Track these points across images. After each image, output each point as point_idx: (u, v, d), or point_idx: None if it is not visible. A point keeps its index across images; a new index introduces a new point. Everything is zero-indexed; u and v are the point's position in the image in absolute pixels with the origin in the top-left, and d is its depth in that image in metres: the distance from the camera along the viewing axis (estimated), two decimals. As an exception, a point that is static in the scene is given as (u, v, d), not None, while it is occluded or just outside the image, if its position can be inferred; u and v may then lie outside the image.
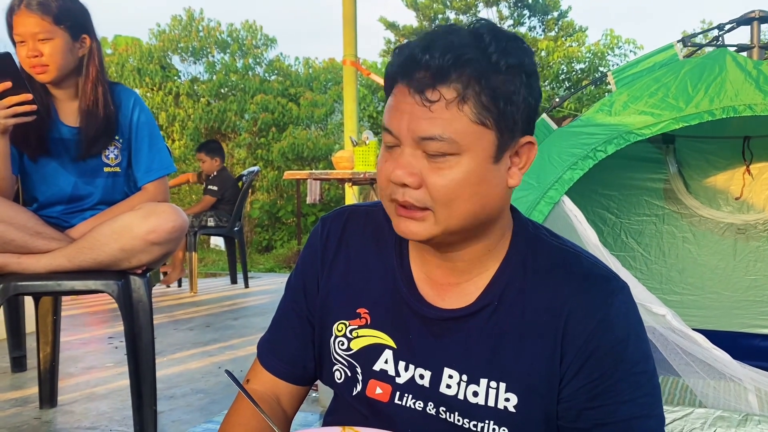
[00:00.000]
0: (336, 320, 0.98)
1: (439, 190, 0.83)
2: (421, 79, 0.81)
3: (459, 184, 0.82)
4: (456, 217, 0.84)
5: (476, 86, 0.80)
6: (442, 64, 0.80)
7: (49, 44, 1.88)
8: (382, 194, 0.89)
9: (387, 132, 0.85)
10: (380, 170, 0.87)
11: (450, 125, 0.81)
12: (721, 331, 2.78)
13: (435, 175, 0.82)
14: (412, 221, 0.85)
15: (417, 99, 0.81)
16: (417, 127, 0.82)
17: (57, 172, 2.00)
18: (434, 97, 0.81)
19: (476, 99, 0.81)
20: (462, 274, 0.93)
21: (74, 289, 1.93)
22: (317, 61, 12.83)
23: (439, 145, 0.81)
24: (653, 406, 0.90)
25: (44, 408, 2.36)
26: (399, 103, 0.84)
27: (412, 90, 0.82)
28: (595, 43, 14.82)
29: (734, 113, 1.90)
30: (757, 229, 2.81)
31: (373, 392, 0.95)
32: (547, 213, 1.91)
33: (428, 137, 0.81)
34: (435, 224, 0.85)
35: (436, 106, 0.81)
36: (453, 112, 0.81)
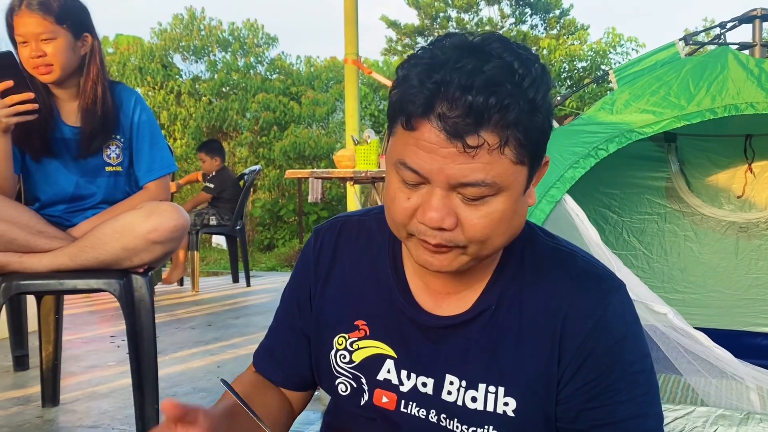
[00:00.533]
0: (335, 334, 0.98)
1: (477, 231, 0.80)
2: (458, 123, 0.74)
3: (496, 222, 0.80)
4: (488, 249, 0.83)
5: (518, 127, 0.76)
6: (488, 104, 0.73)
7: (52, 44, 1.88)
8: (396, 226, 0.85)
9: (410, 171, 0.78)
10: (396, 201, 0.82)
11: (492, 169, 0.76)
12: (723, 330, 2.78)
13: (472, 215, 0.79)
14: (440, 255, 0.82)
15: (456, 145, 0.75)
16: (456, 174, 0.76)
17: (59, 172, 2.00)
18: (476, 143, 0.74)
19: (516, 140, 0.76)
20: (462, 284, 0.92)
21: (76, 288, 1.93)
22: (319, 60, 12.84)
23: (481, 190, 0.77)
24: (652, 405, 0.89)
25: (46, 407, 2.36)
26: (429, 144, 0.76)
27: (448, 134, 0.75)
28: (597, 42, 14.81)
29: (736, 111, 1.90)
30: (759, 227, 2.81)
31: (380, 401, 0.95)
32: (548, 212, 1.91)
33: (470, 183, 0.76)
34: (464, 255, 0.82)
35: (480, 152, 0.75)
36: (495, 156, 0.76)
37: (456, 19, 16.31)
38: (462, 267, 0.84)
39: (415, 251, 0.84)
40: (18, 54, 1.92)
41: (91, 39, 1.98)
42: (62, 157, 2.00)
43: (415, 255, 0.85)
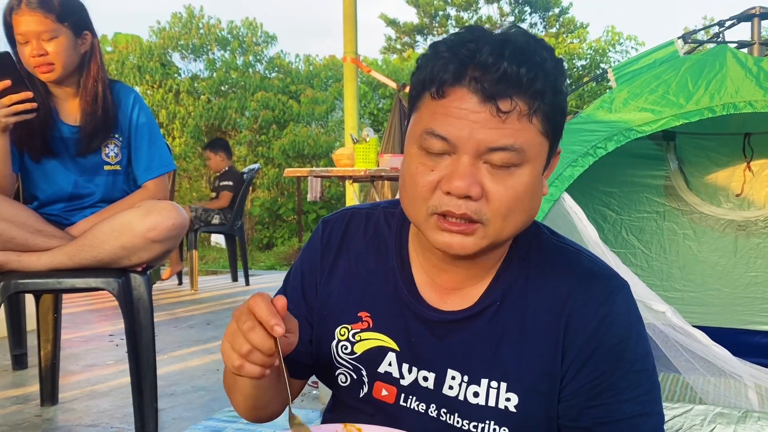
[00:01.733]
0: (338, 324, 0.98)
1: (502, 202, 0.80)
2: (494, 87, 0.77)
3: (521, 195, 0.81)
4: (508, 229, 0.83)
5: (544, 98, 0.79)
6: (519, 73, 0.76)
7: (54, 42, 1.87)
8: (417, 205, 0.84)
9: (438, 138, 0.80)
10: (418, 178, 0.82)
11: (521, 136, 0.78)
12: (722, 328, 2.78)
13: (499, 185, 0.80)
14: (460, 235, 0.82)
15: (488, 108, 0.77)
16: (486, 138, 0.78)
17: (57, 171, 2.00)
18: (509, 107, 0.77)
19: (543, 111, 0.79)
20: (467, 280, 0.92)
21: (75, 286, 1.93)
22: (318, 58, 12.82)
23: (509, 156, 0.79)
24: (654, 404, 0.90)
25: (45, 406, 2.36)
26: (460, 109, 0.78)
27: (482, 97, 0.77)
28: (596, 40, 14.81)
29: (734, 110, 1.90)
30: (758, 225, 2.81)
31: (380, 394, 0.95)
32: (547, 210, 1.90)
33: (500, 147, 0.78)
34: (484, 238, 0.82)
35: (510, 117, 0.78)
36: (524, 123, 0.78)
37: (455, 18, 16.30)
38: (480, 251, 0.84)
39: (434, 234, 0.83)
40: (16, 53, 1.91)
41: (90, 37, 1.98)
42: (61, 156, 1.99)
43: (434, 238, 0.83)
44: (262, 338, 0.77)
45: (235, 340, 0.78)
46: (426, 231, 0.85)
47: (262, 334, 0.77)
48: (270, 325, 0.76)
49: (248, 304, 0.79)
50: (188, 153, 11.08)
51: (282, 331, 0.76)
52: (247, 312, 0.79)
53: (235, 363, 0.78)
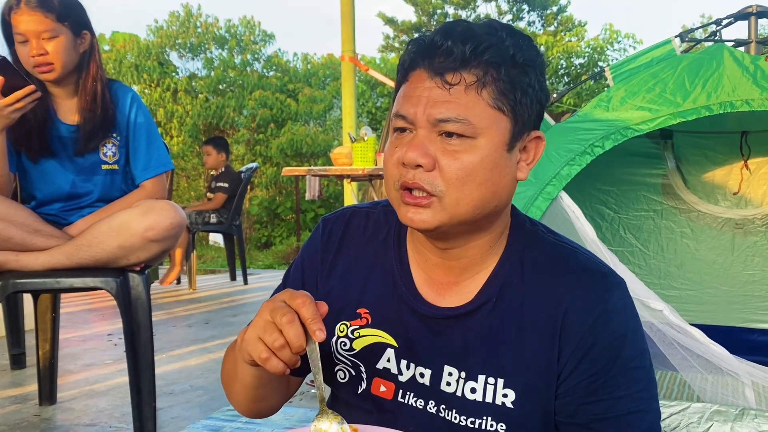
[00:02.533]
0: (337, 321, 0.98)
1: (453, 173, 0.83)
2: (441, 63, 0.83)
3: (473, 167, 0.83)
4: (465, 203, 0.84)
5: (495, 73, 0.83)
6: (464, 49, 0.82)
7: (54, 42, 1.87)
8: (388, 183, 0.88)
9: (400, 118, 0.86)
10: (388, 157, 0.88)
11: (468, 108, 0.82)
12: (720, 326, 2.78)
13: (449, 157, 0.83)
14: (419, 209, 0.85)
15: (437, 82, 0.83)
16: (435, 110, 0.83)
17: (55, 170, 2.00)
18: (455, 80, 0.82)
19: (494, 85, 0.83)
20: (462, 273, 0.93)
21: (73, 286, 1.93)
22: (316, 57, 12.82)
23: (456, 126, 0.82)
24: (650, 401, 0.90)
25: (44, 405, 2.36)
26: (416, 88, 0.85)
27: (431, 74, 0.84)
28: (594, 38, 14.81)
29: (731, 108, 1.91)
30: (755, 224, 2.81)
31: (378, 390, 0.95)
32: (544, 209, 1.91)
33: (445, 119, 0.82)
34: (442, 210, 0.84)
35: (456, 89, 0.82)
36: (471, 96, 0.83)
37: (453, 16, 16.29)
38: (442, 226, 0.85)
39: (400, 210, 0.88)
40: (14, 53, 1.91)
41: (89, 37, 1.98)
42: (59, 156, 1.99)
43: (399, 213, 0.88)
44: (298, 335, 0.76)
45: (267, 332, 0.78)
46: (397, 209, 0.89)
47: (299, 330, 0.77)
48: (312, 328, 0.77)
49: (289, 299, 0.79)
50: (186, 152, 11.07)
51: (323, 337, 0.77)
52: (287, 306, 0.78)
53: (262, 355, 0.78)
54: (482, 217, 0.88)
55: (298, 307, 0.78)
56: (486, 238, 0.91)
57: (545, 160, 1.98)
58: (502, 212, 0.91)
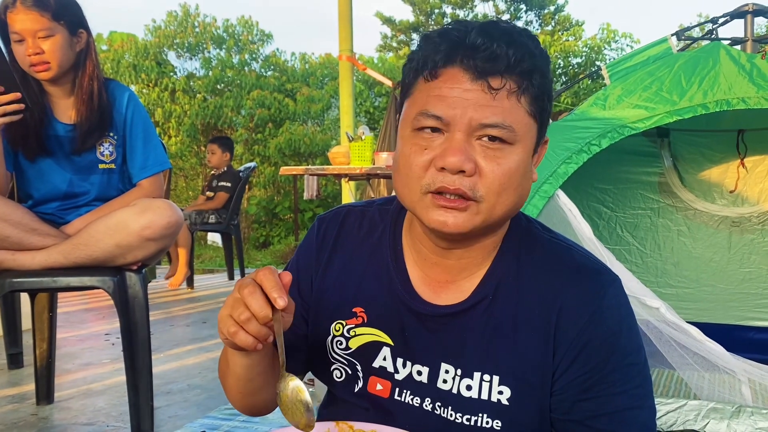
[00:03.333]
0: (333, 320, 0.98)
1: (496, 179, 0.82)
2: (485, 65, 0.80)
3: (512, 173, 0.83)
4: (500, 208, 0.84)
5: (531, 80, 0.82)
6: (509, 53, 0.80)
7: (50, 41, 1.87)
8: (412, 185, 0.85)
9: (432, 117, 0.82)
10: (413, 158, 0.83)
11: (511, 114, 0.82)
12: (716, 324, 2.79)
13: (492, 163, 0.82)
14: (454, 212, 0.83)
15: (481, 85, 0.80)
16: (479, 114, 0.80)
17: (52, 169, 2.00)
18: (499, 85, 0.81)
19: (530, 92, 0.83)
20: (461, 272, 0.93)
21: (70, 285, 1.93)
22: (314, 57, 12.82)
23: (501, 132, 0.81)
24: (645, 398, 0.91)
25: (41, 404, 2.36)
26: (452, 89, 0.81)
27: (474, 75, 0.81)
28: (591, 37, 14.81)
29: (728, 106, 1.91)
30: (752, 221, 2.82)
31: (374, 388, 0.96)
32: (541, 207, 1.91)
33: (492, 124, 0.81)
34: (477, 214, 0.83)
35: (500, 95, 0.81)
36: (513, 102, 0.82)
37: (451, 15, 16.29)
38: (473, 230, 0.85)
39: (428, 213, 0.84)
40: (10, 51, 1.90)
41: (86, 35, 1.98)
42: (56, 155, 1.99)
43: (428, 217, 0.84)
44: (261, 304, 0.77)
45: (234, 308, 0.79)
46: (420, 211, 0.85)
47: (261, 301, 0.77)
48: (273, 296, 0.77)
49: (253, 274, 0.80)
50: (184, 152, 11.06)
51: (284, 304, 0.77)
52: (250, 280, 0.80)
53: (231, 329, 0.79)
54: (505, 220, 0.89)
55: (261, 279, 0.78)
56: (492, 239, 0.92)
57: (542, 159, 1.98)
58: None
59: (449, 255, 0.92)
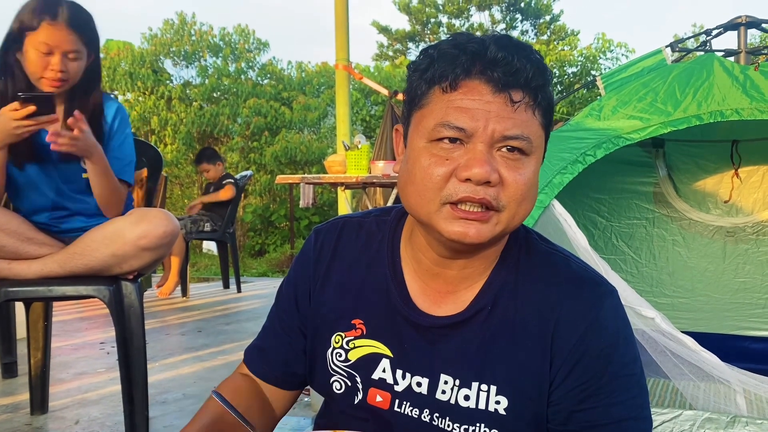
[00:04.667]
0: (332, 332, 0.99)
1: (519, 189, 0.84)
2: (507, 78, 0.82)
3: (531, 183, 0.85)
4: (519, 217, 0.86)
5: (543, 93, 0.84)
6: (528, 67, 0.83)
7: (76, 63, 1.88)
8: (428, 197, 0.84)
9: (454, 129, 0.82)
10: (433, 169, 0.83)
11: (529, 126, 0.84)
12: (711, 334, 2.80)
13: (514, 173, 0.84)
14: (476, 223, 0.83)
15: (503, 98, 0.82)
16: (501, 125, 0.82)
17: (40, 178, 1.97)
18: (520, 98, 0.83)
19: (542, 105, 0.85)
20: (461, 282, 0.94)
21: (65, 294, 1.92)
22: (310, 65, 12.84)
23: (521, 143, 0.83)
24: (642, 409, 0.91)
25: (35, 414, 2.35)
26: (473, 100, 0.82)
27: (496, 88, 0.82)
28: (587, 47, 14.91)
29: (721, 118, 1.92)
30: (746, 231, 2.83)
31: (374, 400, 0.96)
32: (537, 217, 1.92)
33: (514, 136, 0.82)
34: (498, 224, 0.85)
35: (520, 107, 0.83)
36: (530, 115, 0.84)
37: (447, 25, 16.37)
38: (492, 239, 0.86)
39: (447, 224, 0.84)
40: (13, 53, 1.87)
41: (94, 56, 1.98)
42: (43, 162, 1.97)
43: (447, 228, 0.84)
44: None
45: None
46: (437, 222, 0.85)
47: None
48: None
49: None
50: (180, 160, 11.06)
51: None
52: None
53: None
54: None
55: None
56: (494, 249, 0.92)
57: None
58: None
59: (451, 265, 0.92)
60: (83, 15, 1.89)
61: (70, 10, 1.85)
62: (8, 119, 1.77)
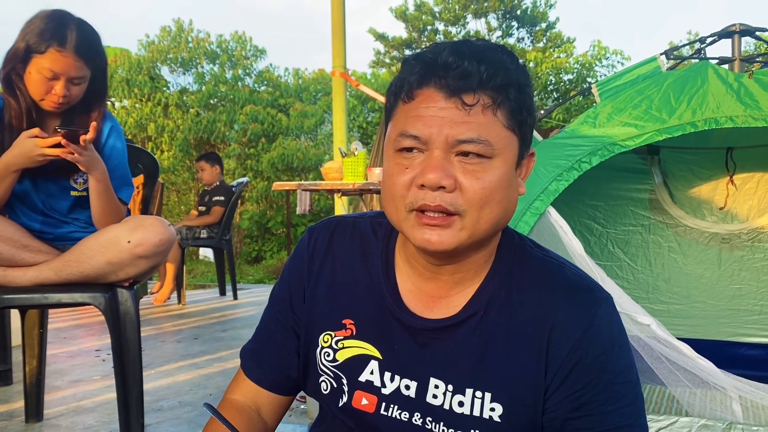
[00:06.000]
0: (322, 331, 0.99)
1: (476, 193, 0.83)
2: (458, 83, 0.82)
3: (493, 187, 0.84)
4: (485, 222, 0.85)
5: (506, 94, 0.84)
6: (480, 70, 0.82)
7: (79, 87, 1.88)
8: (396, 205, 0.86)
9: (410, 138, 0.84)
10: (395, 179, 0.86)
11: (487, 129, 0.83)
12: (707, 340, 2.80)
13: (470, 177, 0.83)
14: (437, 229, 0.84)
15: (455, 103, 0.83)
16: (454, 131, 0.82)
17: (27, 193, 1.96)
18: (473, 101, 0.83)
19: (507, 106, 0.84)
20: (453, 287, 0.94)
21: (61, 301, 1.91)
22: (307, 72, 12.86)
23: (477, 147, 0.83)
24: (636, 416, 0.91)
25: (30, 422, 2.33)
26: (428, 107, 0.84)
27: (447, 94, 0.83)
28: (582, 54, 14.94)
29: (716, 125, 1.93)
30: (741, 238, 2.84)
31: (359, 403, 0.95)
32: (533, 224, 1.92)
33: (467, 140, 0.82)
34: (461, 230, 0.84)
35: (474, 110, 0.83)
36: (489, 117, 0.83)
37: (443, 32, 16.42)
38: (460, 247, 0.86)
39: (413, 231, 0.86)
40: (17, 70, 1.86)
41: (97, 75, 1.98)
42: (34, 176, 1.95)
43: (413, 235, 0.86)
44: None
45: None
46: (406, 230, 0.87)
47: None
48: None
49: None
50: (177, 166, 11.05)
51: None
52: None
53: None
54: (491, 235, 0.89)
55: None
56: (483, 253, 0.92)
57: (533, 176, 2.00)
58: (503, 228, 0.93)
59: (442, 271, 0.92)
60: (91, 40, 1.87)
61: (78, 34, 1.83)
62: (33, 145, 1.78)
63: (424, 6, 16.23)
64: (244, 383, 1.06)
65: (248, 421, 1.02)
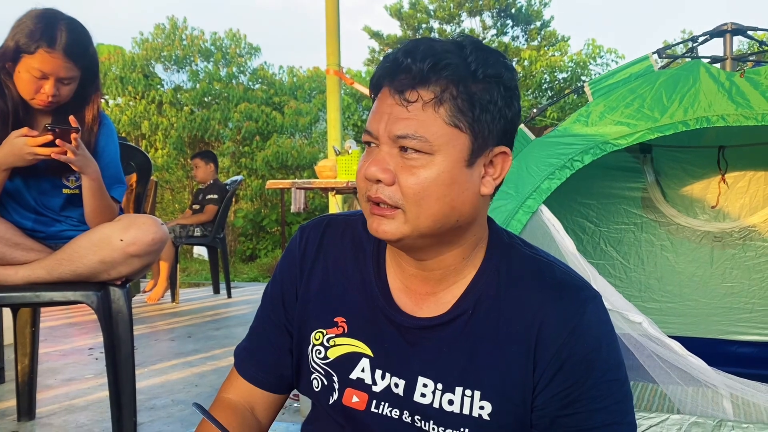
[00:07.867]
0: (313, 329, 0.99)
1: (410, 188, 0.85)
2: (402, 80, 0.85)
3: (430, 183, 0.85)
4: (425, 216, 0.86)
5: (453, 90, 0.84)
6: (422, 67, 0.84)
7: (69, 87, 1.87)
8: (360, 195, 0.91)
9: (366, 133, 0.89)
10: (359, 170, 0.90)
11: (424, 125, 0.84)
12: (699, 338, 2.82)
13: (407, 173, 0.85)
14: (383, 219, 0.87)
15: (396, 99, 0.85)
16: (394, 126, 0.85)
17: (18, 191, 1.96)
18: (412, 97, 0.85)
19: (452, 102, 0.84)
20: (438, 283, 0.94)
21: (53, 300, 1.91)
22: (301, 70, 12.86)
23: (413, 142, 0.84)
24: (625, 414, 0.91)
25: (22, 421, 2.33)
26: (380, 105, 0.88)
27: (392, 91, 0.86)
28: (577, 53, 14.98)
29: (708, 124, 1.94)
30: (733, 237, 2.86)
31: (350, 401, 0.96)
32: (525, 222, 1.93)
33: (403, 135, 0.84)
34: (405, 223, 0.86)
35: (414, 107, 0.84)
36: (429, 113, 0.84)
37: (438, 30, 16.42)
38: (406, 238, 0.87)
39: (368, 221, 0.90)
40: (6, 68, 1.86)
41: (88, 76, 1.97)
42: (25, 174, 1.94)
43: (368, 225, 0.90)
44: None
45: None
46: (366, 219, 0.91)
47: None
48: None
49: None
50: (171, 164, 11.03)
51: None
52: None
53: None
54: (446, 231, 0.89)
55: None
56: (457, 251, 0.92)
57: (525, 174, 2.00)
58: (470, 226, 0.91)
59: (423, 266, 0.93)
60: (81, 40, 1.86)
61: (68, 34, 1.81)
62: (23, 144, 1.77)
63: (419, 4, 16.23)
64: (238, 382, 1.06)
65: (242, 420, 1.03)
